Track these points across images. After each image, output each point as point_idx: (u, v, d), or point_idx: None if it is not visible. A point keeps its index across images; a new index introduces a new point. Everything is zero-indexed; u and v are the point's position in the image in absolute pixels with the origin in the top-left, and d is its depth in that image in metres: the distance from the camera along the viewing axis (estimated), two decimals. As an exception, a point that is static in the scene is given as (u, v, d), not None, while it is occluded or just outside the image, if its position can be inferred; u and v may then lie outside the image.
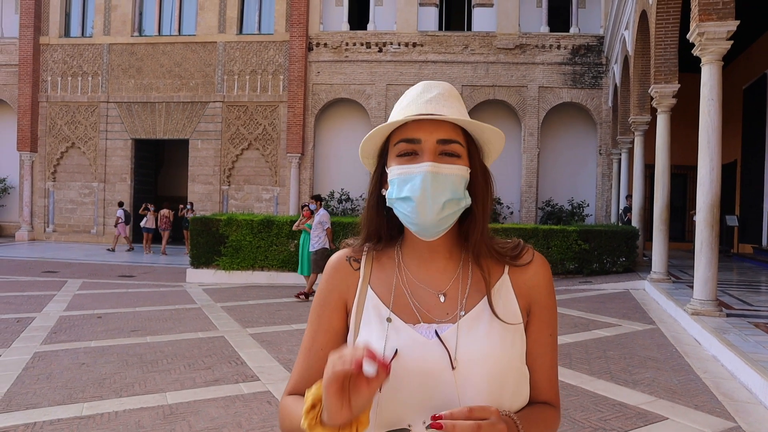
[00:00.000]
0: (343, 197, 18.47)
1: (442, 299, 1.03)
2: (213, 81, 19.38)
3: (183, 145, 20.12)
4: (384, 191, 1.06)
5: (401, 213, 1.01)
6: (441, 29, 19.22)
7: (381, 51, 18.61)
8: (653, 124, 10.65)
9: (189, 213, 17.01)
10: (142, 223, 17.52)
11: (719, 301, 7.11)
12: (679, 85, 9.49)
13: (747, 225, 15.91)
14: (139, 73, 19.77)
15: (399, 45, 18.56)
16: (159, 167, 22.72)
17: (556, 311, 1.09)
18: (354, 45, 18.74)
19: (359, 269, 1.10)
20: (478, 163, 1.04)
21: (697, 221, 7.05)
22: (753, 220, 15.41)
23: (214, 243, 11.50)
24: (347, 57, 18.76)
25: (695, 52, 7.04)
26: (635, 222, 12.86)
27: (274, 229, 11.40)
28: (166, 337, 6.48)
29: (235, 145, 19.23)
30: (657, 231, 9.87)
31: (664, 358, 5.76)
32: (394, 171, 1.01)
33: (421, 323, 1.01)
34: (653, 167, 10.02)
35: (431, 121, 0.99)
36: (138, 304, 8.72)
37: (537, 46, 18.18)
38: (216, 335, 6.64)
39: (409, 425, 0.96)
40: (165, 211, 17.65)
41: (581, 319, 7.71)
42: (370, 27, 18.89)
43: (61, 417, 3.96)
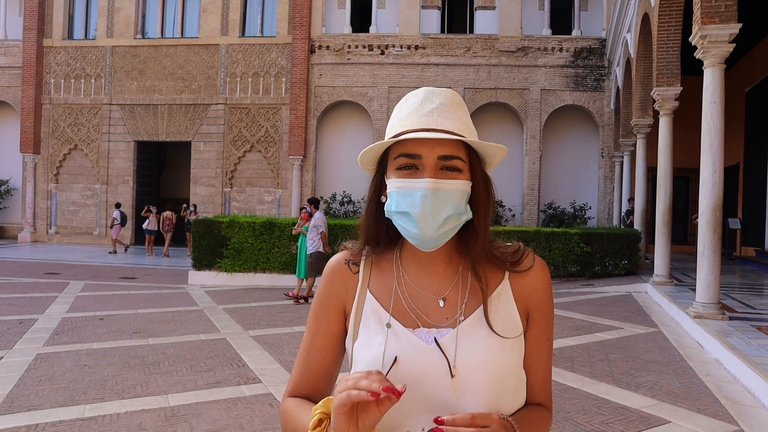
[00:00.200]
0: (345, 199, 18.48)
1: (441, 304, 1.03)
2: (215, 83, 19.42)
3: (185, 147, 20.16)
4: (383, 198, 1.05)
5: (400, 226, 1.00)
6: (443, 32, 19.24)
7: (383, 53, 18.64)
8: (655, 126, 10.64)
9: (192, 215, 17.03)
10: (144, 225, 17.53)
11: (722, 305, 7.09)
12: (682, 88, 9.48)
13: (749, 228, 15.88)
14: (142, 76, 19.83)
15: (401, 47, 18.58)
16: (161, 169, 22.77)
17: (553, 316, 1.09)
18: (356, 47, 18.76)
19: (358, 272, 1.10)
20: (479, 175, 1.02)
21: (700, 224, 7.04)
22: (755, 223, 15.38)
23: (216, 245, 11.51)
24: (349, 59, 18.79)
25: (697, 54, 7.04)
26: (637, 225, 12.85)
27: (276, 232, 11.41)
28: (167, 339, 6.49)
29: (238, 148, 19.26)
30: (659, 234, 9.85)
31: (666, 361, 5.75)
32: (393, 184, 1.00)
33: (421, 328, 1.01)
34: (655, 170, 10.01)
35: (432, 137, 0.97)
36: (140, 305, 8.73)
37: (539, 48, 18.19)
38: (218, 337, 6.65)
39: (408, 431, 0.96)
40: (167, 213, 17.66)
41: (583, 322, 7.69)
42: (372, 29, 18.92)
43: (63, 419, 3.96)
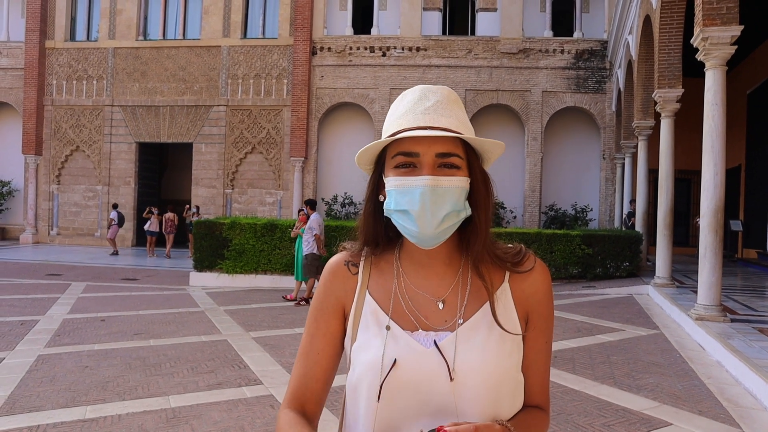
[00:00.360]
0: (347, 201, 18.48)
1: (440, 306, 1.03)
2: (217, 85, 19.44)
3: (187, 149, 20.18)
4: (381, 198, 1.05)
5: (399, 224, 1.00)
6: (445, 34, 19.25)
7: (385, 55, 18.65)
8: (657, 128, 10.63)
9: (194, 216, 17.03)
10: (146, 227, 17.55)
11: (723, 307, 7.07)
12: (683, 90, 9.47)
13: (751, 230, 15.86)
14: (144, 77, 19.86)
15: (403, 49, 18.59)
16: (163, 171, 22.79)
17: (553, 319, 1.08)
18: (358, 49, 18.78)
19: (357, 274, 1.09)
20: (478, 171, 1.02)
21: (701, 226, 7.04)
22: (757, 224, 15.36)
23: (217, 246, 11.52)
24: (351, 61, 18.80)
25: (699, 57, 7.04)
26: (639, 227, 12.83)
27: (277, 233, 11.41)
28: (169, 341, 6.49)
29: (239, 149, 19.28)
30: (661, 236, 9.84)
31: (668, 363, 5.74)
32: (391, 182, 0.99)
33: (420, 331, 1.01)
34: (657, 172, 10.01)
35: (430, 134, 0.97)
36: (141, 307, 8.74)
37: (540, 50, 18.19)
38: (219, 339, 6.65)
39: None
40: (169, 215, 17.69)
41: (585, 324, 7.68)
42: (373, 31, 18.93)
43: (65, 420, 3.97)
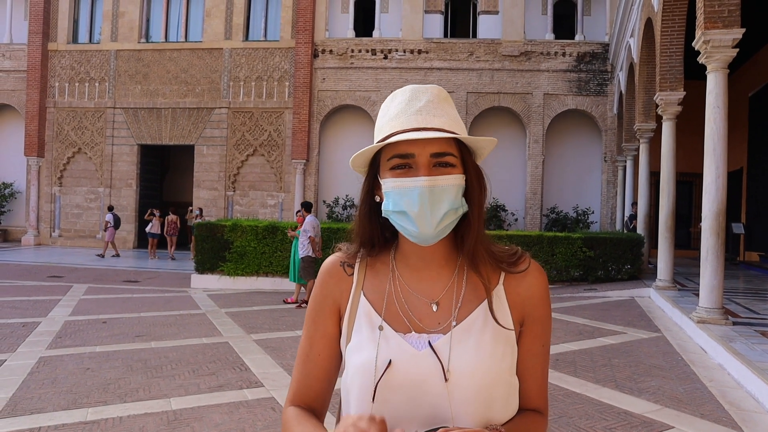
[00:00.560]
0: (348, 203, 18.49)
1: (434, 308, 1.03)
2: (219, 87, 19.48)
3: (188, 151, 20.21)
4: (377, 198, 1.05)
5: (399, 225, 1.01)
6: (446, 36, 19.27)
7: (386, 58, 18.68)
8: (658, 131, 10.62)
9: (198, 218, 17.03)
10: (147, 229, 17.58)
11: (725, 309, 7.06)
12: (685, 93, 9.47)
13: (753, 232, 15.83)
14: (146, 79, 19.90)
15: (404, 52, 18.61)
16: (164, 173, 22.82)
17: (550, 322, 1.08)
18: (359, 52, 18.80)
19: (353, 275, 1.10)
20: (472, 168, 1.03)
21: (703, 229, 7.03)
22: (759, 227, 15.34)
23: (218, 248, 11.52)
24: (353, 64, 18.83)
25: (701, 59, 7.04)
26: (640, 229, 12.81)
27: (278, 235, 11.41)
28: (170, 343, 6.49)
29: (241, 151, 19.30)
30: (662, 238, 9.83)
31: (669, 366, 5.73)
32: (388, 184, 1.00)
33: (412, 333, 1.01)
34: (658, 174, 9.99)
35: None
36: (143, 309, 8.74)
37: (542, 53, 18.19)
38: (220, 341, 6.65)
39: None
40: (172, 217, 17.73)
41: (586, 327, 7.67)
42: (375, 34, 18.96)
43: (66, 422, 3.97)
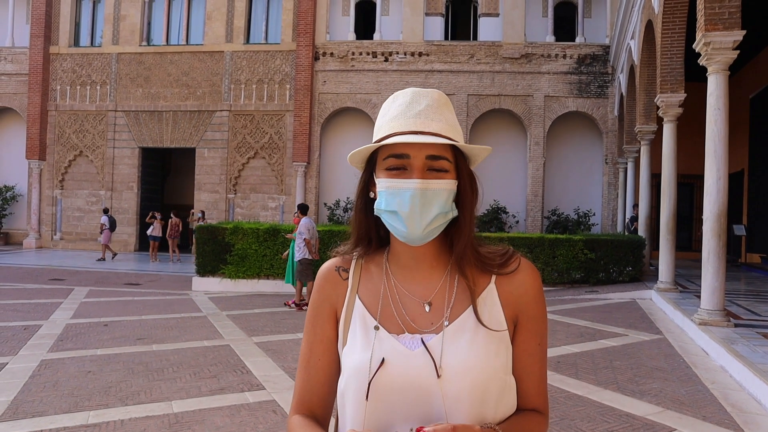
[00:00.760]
0: (349, 206, 18.48)
1: (427, 308, 1.04)
2: (220, 90, 19.51)
3: (190, 154, 20.23)
4: (372, 194, 1.07)
5: (389, 224, 1.03)
6: (447, 39, 19.30)
7: (387, 60, 18.70)
8: (659, 133, 10.63)
9: (200, 221, 17.05)
10: (148, 231, 17.59)
11: (727, 311, 7.05)
12: (685, 95, 9.47)
13: (755, 234, 15.81)
14: (147, 82, 19.94)
15: (405, 54, 18.63)
16: (166, 175, 22.85)
17: (545, 320, 1.08)
18: (360, 54, 18.82)
19: (348, 279, 1.11)
20: (465, 173, 1.05)
21: (704, 230, 7.02)
22: (761, 229, 15.32)
23: (220, 251, 11.53)
24: (353, 66, 18.85)
25: (701, 61, 7.04)
26: (642, 231, 12.81)
27: (279, 238, 11.42)
28: (171, 346, 6.49)
29: (242, 154, 19.32)
30: (664, 240, 9.82)
31: (671, 368, 5.72)
32: (382, 183, 1.02)
33: (406, 333, 1.02)
34: (660, 176, 10.00)
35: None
36: (144, 312, 8.75)
37: (543, 55, 18.20)
38: (221, 344, 6.65)
39: None
40: (175, 219, 17.78)
41: (587, 329, 7.67)
42: (376, 36, 18.99)
43: (67, 425, 3.96)
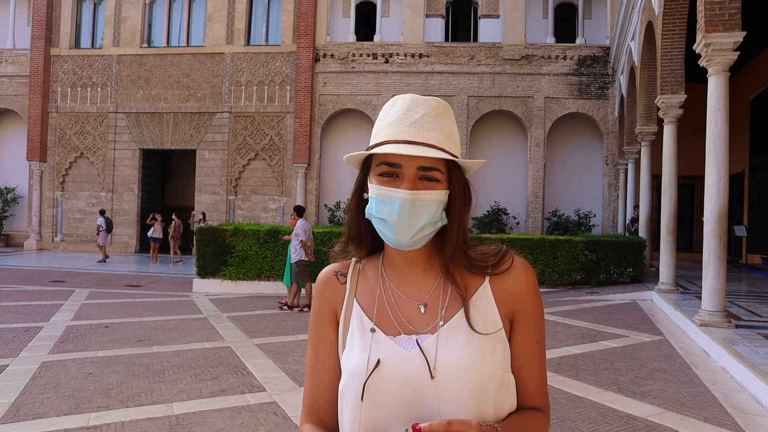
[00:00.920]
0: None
1: (422, 310, 1.05)
2: (220, 91, 19.52)
3: (190, 155, 20.25)
4: (366, 195, 1.08)
5: (379, 230, 1.04)
6: (447, 40, 19.31)
7: (387, 62, 18.71)
8: (660, 134, 10.62)
9: (201, 223, 17.07)
10: (149, 233, 17.62)
11: (728, 312, 7.05)
12: (686, 96, 9.47)
13: (755, 235, 15.80)
14: (148, 84, 19.96)
15: (405, 56, 18.64)
16: (166, 177, 22.86)
17: (542, 317, 1.08)
18: (360, 56, 18.84)
19: (346, 283, 1.13)
20: (457, 183, 1.04)
21: (705, 231, 7.02)
22: (761, 230, 15.30)
23: (220, 253, 11.53)
24: (354, 68, 18.86)
25: (702, 63, 7.04)
26: (642, 232, 12.80)
27: (280, 240, 11.40)
28: (172, 347, 6.50)
29: (242, 156, 19.33)
30: (664, 241, 9.82)
31: (672, 369, 5.71)
32: (374, 190, 1.03)
33: (402, 335, 1.03)
34: (660, 177, 9.99)
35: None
36: (145, 313, 8.75)
37: (543, 56, 18.21)
38: (222, 345, 6.65)
39: None
40: (178, 221, 17.81)
41: (588, 330, 7.66)
42: (376, 38, 19.00)
43: (68, 427, 3.96)
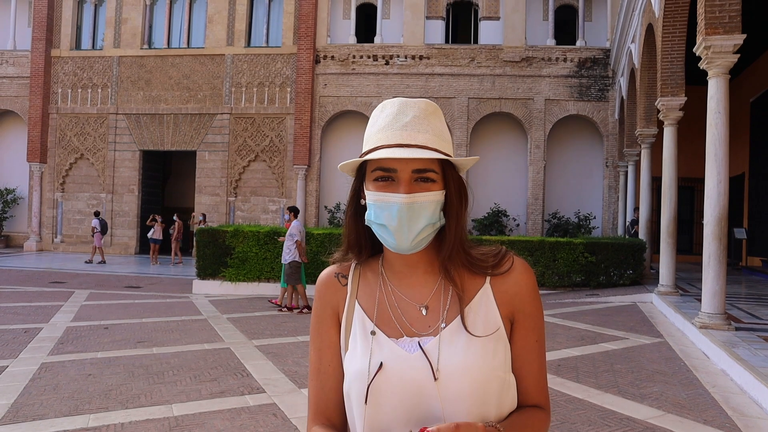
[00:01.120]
0: (350, 209, 18.46)
1: (424, 312, 1.05)
2: (221, 93, 19.53)
3: (190, 157, 20.26)
4: (362, 201, 1.07)
5: (379, 235, 1.04)
6: (447, 42, 19.32)
7: (388, 64, 18.72)
8: (660, 136, 10.63)
9: (201, 224, 17.07)
10: (149, 234, 17.61)
11: (728, 315, 7.04)
12: (686, 98, 9.48)
13: (755, 237, 15.80)
14: (148, 85, 19.97)
15: (406, 58, 18.65)
16: (166, 178, 22.86)
17: (541, 317, 1.09)
18: (361, 58, 18.85)
19: (347, 285, 1.13)
20: (452, 183, 1.04)
21: (705, 234, 7.02)
22: (761, 232, 15.30)
23: (220, 254, 11.53)
24: (354, 69, 18.88)
25: (702, 65, 7.05)
26: (642, 234, 12.80)
27: (280, 241, 11.42)
28: (172, 349, 6.49)
29: (242, 157, 19.34)
30: (664, 244, 9.82)
31: (672, 371, 5.71)
32: (371, 196, 1.03)
33: (404, 337, 1.03)
34: (660, 180, 10.00)
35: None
36: (144, 315, 8.75)
37: (543, 58, 18.23)
38: (222, 347, 6.65)
39: None
40: (180, 223, 17.82)
41: (588, 332, 7.66)
42: (377, 40, 19.01)
43: (68, 428, 3.96)
